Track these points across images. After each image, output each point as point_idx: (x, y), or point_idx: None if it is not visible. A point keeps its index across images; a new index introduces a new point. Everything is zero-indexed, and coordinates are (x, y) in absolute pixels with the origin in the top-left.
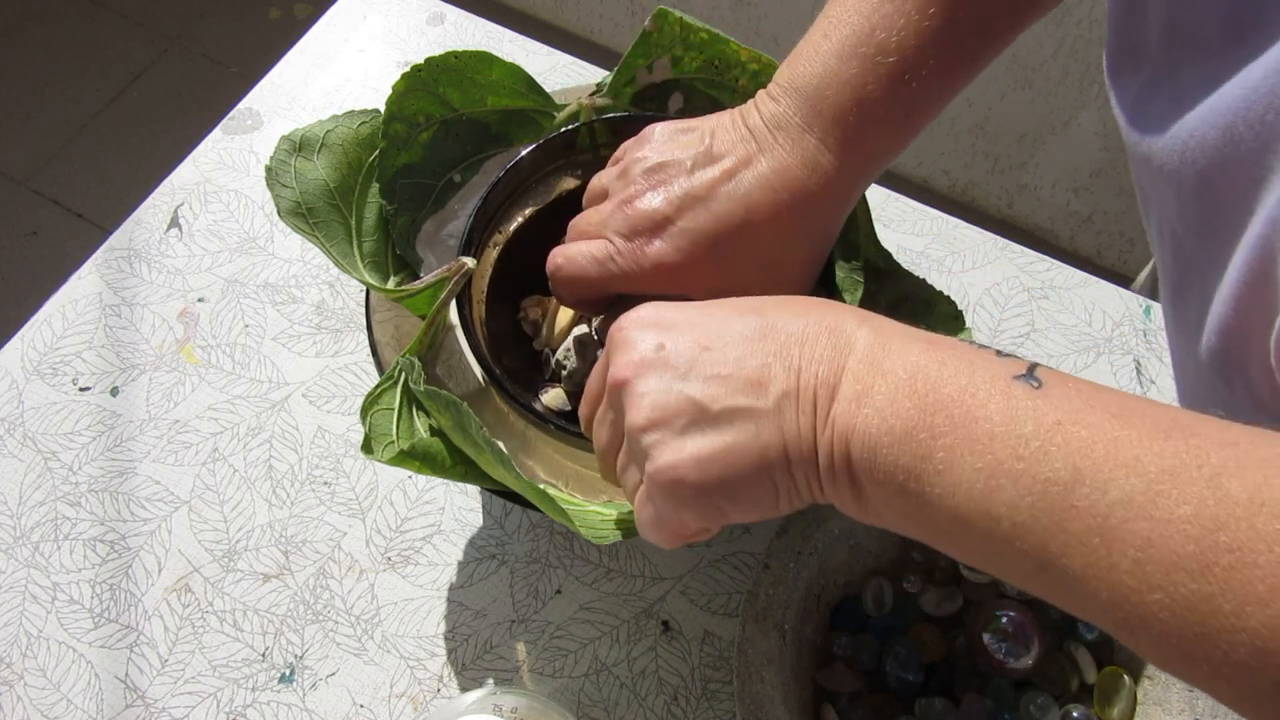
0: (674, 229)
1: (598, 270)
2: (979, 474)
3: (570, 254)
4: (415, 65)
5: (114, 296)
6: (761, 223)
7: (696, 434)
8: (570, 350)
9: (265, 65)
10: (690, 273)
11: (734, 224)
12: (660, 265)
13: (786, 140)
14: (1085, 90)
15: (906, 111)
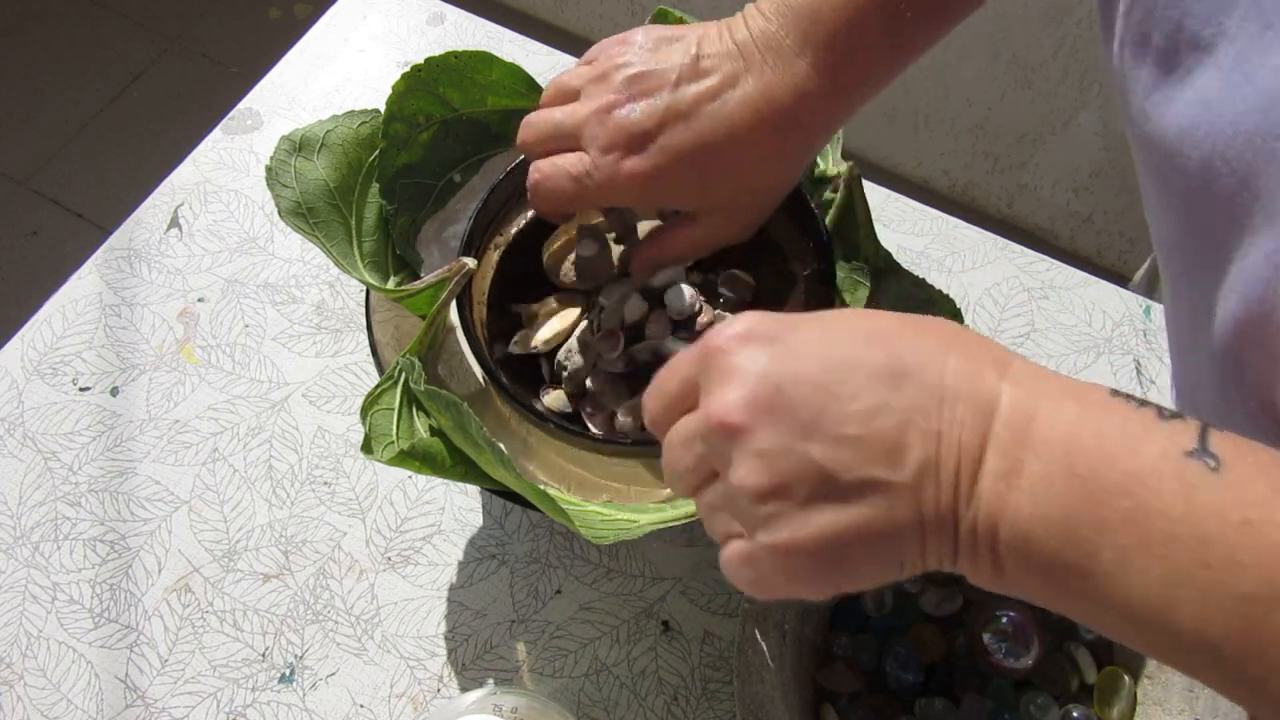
0: (654, 145)
1: (574, 187)
2: (1157, 581)
3: (546, 170)
4: (415, 65)
5: (114, 296)
6: (743, 144)
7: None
8: (572, 351)
9: (265, 65)
10: (666, 188)
11: (715, 143)
12: (636, 179)
13: (776, 61)
14: (1085, 90)
15: (898, 44)
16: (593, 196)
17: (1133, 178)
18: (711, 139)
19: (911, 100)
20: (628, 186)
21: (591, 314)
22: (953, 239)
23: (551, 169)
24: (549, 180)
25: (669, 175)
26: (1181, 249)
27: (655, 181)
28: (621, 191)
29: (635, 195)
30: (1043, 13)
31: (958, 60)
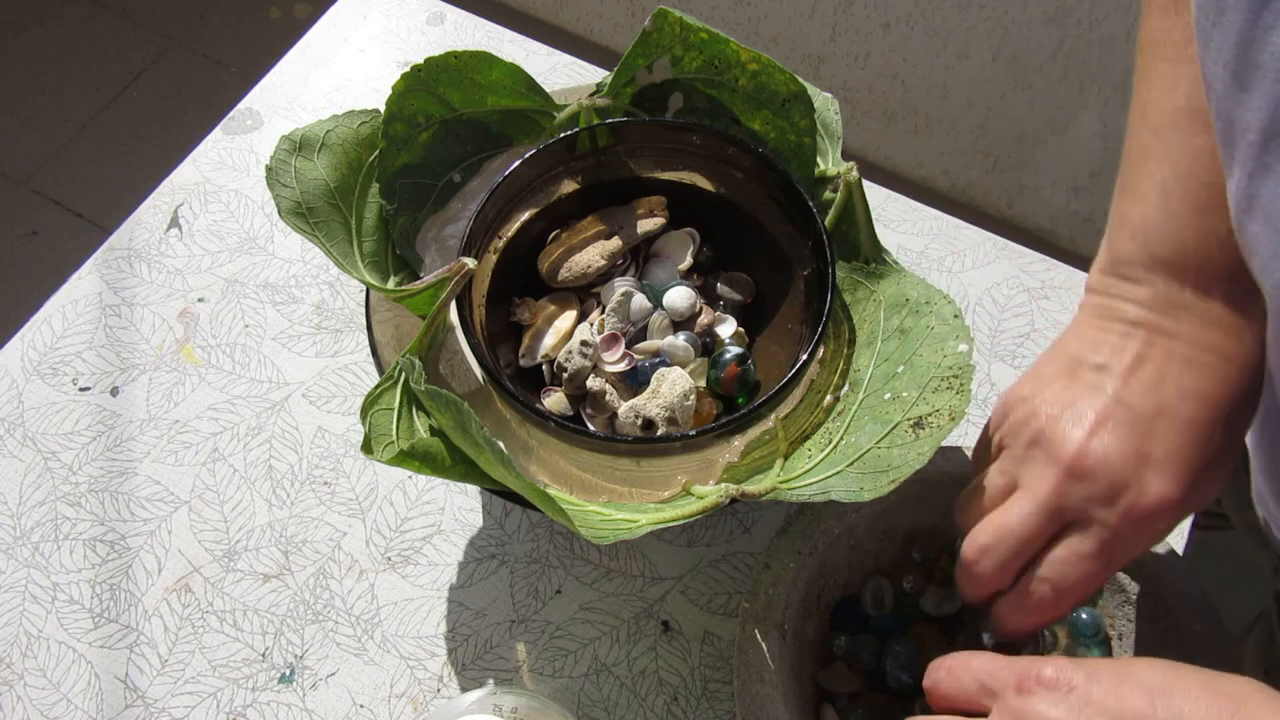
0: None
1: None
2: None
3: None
4: (415, 65)
5: (114, 296)
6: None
7: None
8: (572, 352)
9: (265, 65)
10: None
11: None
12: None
13: (1191, 317)
14: (1085, 90)
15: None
16: (1124, 556)
17: None
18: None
19: (911, 100)
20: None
21: (592, 315)
22: (953, 239)
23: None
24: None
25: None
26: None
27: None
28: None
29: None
30: (1043, 13)
31: (958, 60)
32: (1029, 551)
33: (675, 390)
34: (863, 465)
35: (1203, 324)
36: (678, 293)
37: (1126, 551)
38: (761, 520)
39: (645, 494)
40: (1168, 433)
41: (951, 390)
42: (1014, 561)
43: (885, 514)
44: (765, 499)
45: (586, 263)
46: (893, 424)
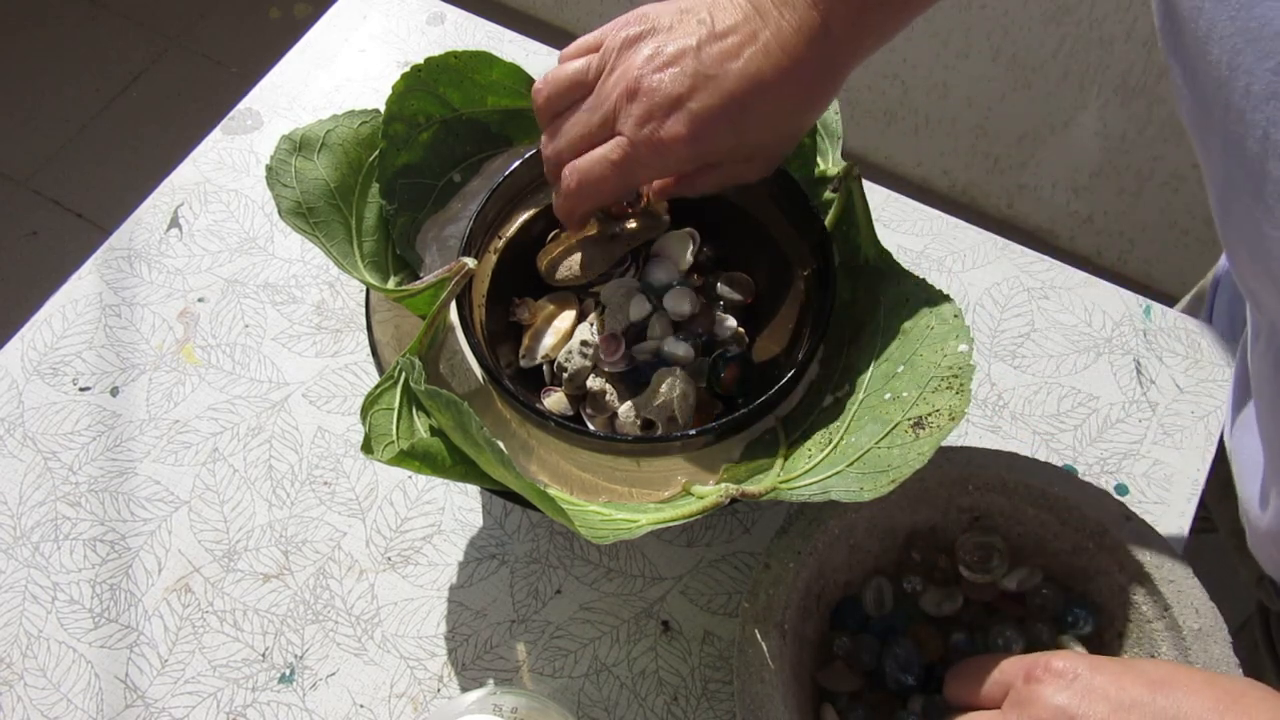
0: (686, 109)
1: (617, 171)
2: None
3: (583, 165)
4: (415, 65)
5: (114, 296)
6: (769, 95)
7: None
8: (572, 352)
9: (265, 65)
10: (705, 148)
11: (744, 98)
12: (679, 142)
13: (791, 15)
14: (1085, 90)
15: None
16: (637, 171)
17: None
18: (740, 95)
19: (911, 100)
20: (671, 151)
21: (591, 316)
22: (953, 239)
23: (589, 162)
24: (590, 173)
25: (706, 135)
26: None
27: (695, 143)
28: (666, 158)
29: (678, 160)
30: (1043, 13)
31: (958, 60)
32: (581, 146)
33: (675, 390)
34: (863, 465)
35: (795, 24)
36: (678, 293)
37: (639, 169)
38: (761, 520)
39: (645, 494)
40: (712, 92)
41: (951, 390)
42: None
43: (885, 514)
44: (765, 499)
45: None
46: (893, 424)
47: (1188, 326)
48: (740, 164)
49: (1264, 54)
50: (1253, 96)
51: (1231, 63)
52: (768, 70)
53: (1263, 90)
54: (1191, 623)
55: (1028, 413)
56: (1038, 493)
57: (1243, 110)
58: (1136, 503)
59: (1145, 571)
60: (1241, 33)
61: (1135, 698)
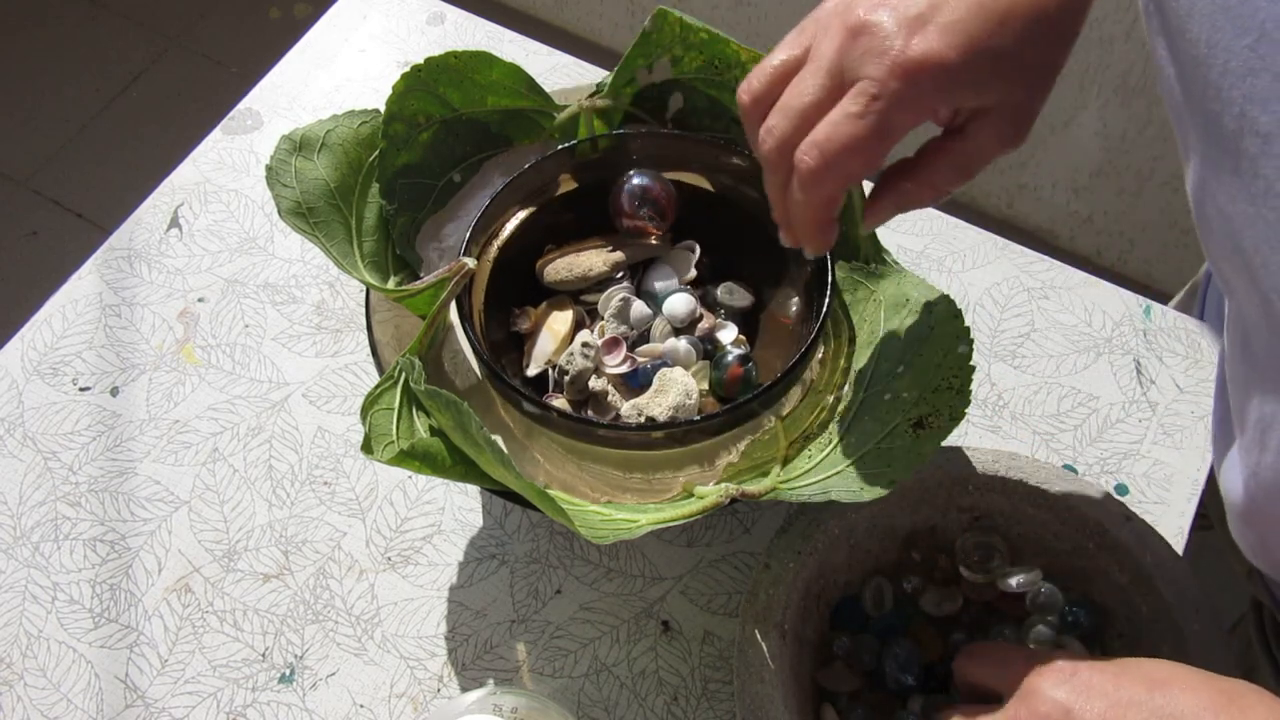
0: (935, 22)
1: (869, 127)
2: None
3: (821, 136)
4: (415, 65)
5: (114, 296)
6: (1018, 13)
7: None
8: (573, 355)
9: (265, 65)
10: (965, 75)
11: (995, 10)
12: (936, 61)
13: None
14: (1085, 90)
15: None
16: (895, 118)
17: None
18: (991, 4)
19: None
20: (929, 75)
21: (593, 321)
22: (953, 239)
23: (829, 127)
24: (833, 141)
25: (968, 47)
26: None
27: (960, 57)
28: (925, 87)
29: (941, 92)
30: None
31: None
32: (812, 115)
33: (678, 390)
34: (863, 465)
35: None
36: (677, 299)
37: (894, 112)
38: (761, 520)
39: (645, 495)
40: (956, 5)
41: (951, 390)
42: (803, 128)
43: (885, 514)
44: (765, 499)
45: (588, 265)
46: (893, 424)
47: (1187, 326)
48: (993, 121)
49: (1241, 30)
50: (1230, 73)
51: (1210, 40)
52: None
53: (1240, 67)
54: (1191, 623)
55: (1028, 413)
56: (1038, 493)
57: (1220, 87)
58: (1136, 503)
59: (1145, 571)
60: (1221, 10)
61: (1133, 696)
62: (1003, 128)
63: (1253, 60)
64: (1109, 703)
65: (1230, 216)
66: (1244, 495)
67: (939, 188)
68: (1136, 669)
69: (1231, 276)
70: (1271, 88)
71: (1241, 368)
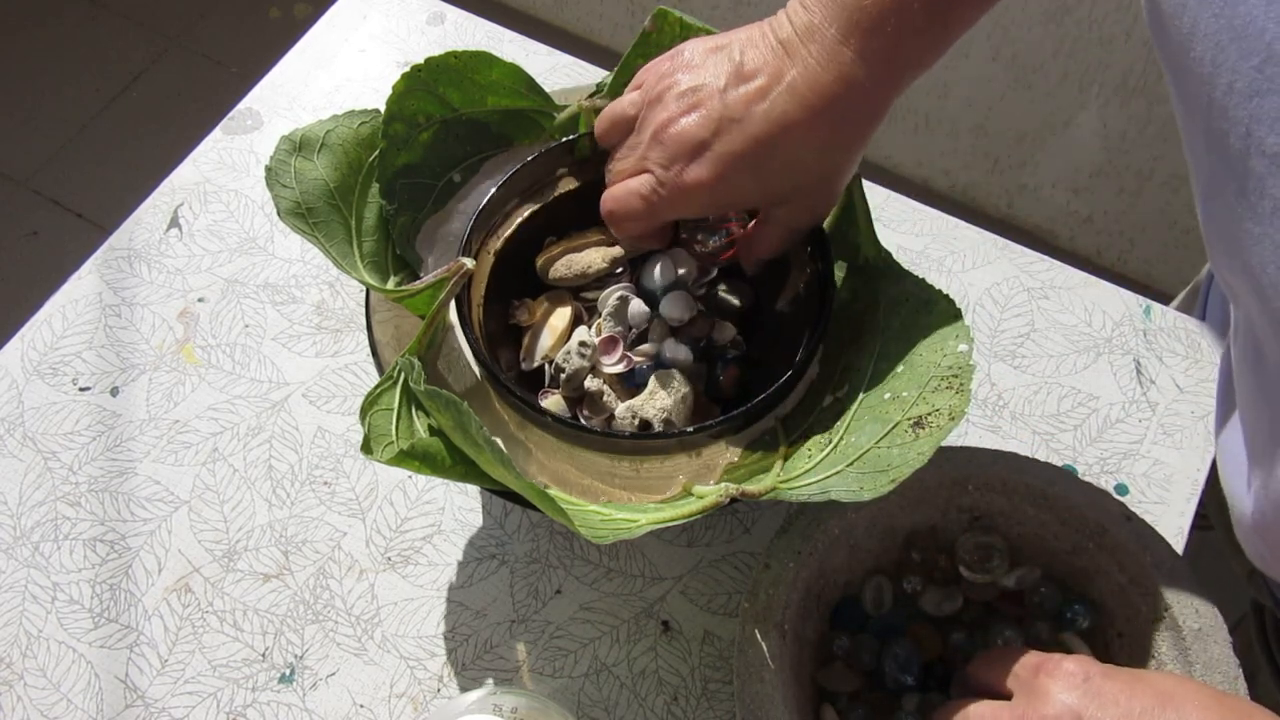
0: (710, 153)
1: (644, 205)
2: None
3: (617, 195)
4: (415, 65)
5: (114, 296)
6: (796, 139)
7: None
8: (570, 353)
9: (265, 65)
10: (728, 192)
11: (769, 140)
12: (700, 187)
13: (820, 52)
14: (1085, 90)
15: (945, 22)
16: (664, 210)
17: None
18: (765, 137)
19: (911, 100)
20: (693, 195)
21: (591, 318)
22: (953, 239)
23: (623, 193)
24: (621, 205)
25: (728, 179)
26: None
27: (717, 187)
28: (688, 201)
29: (701, 203)
30: (1043, 13)
31: (957, 60)
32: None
33: (673, 393)
34: (863, 465)
35: (824, 62)
36: (675, 297)
37: (665, 208)
38: (761, 520)
39: (645, 496)
40: (735, 136)
41: (951, 390)
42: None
43: (885, 514)
44: (765, 499)
45: (587, 262)
46: (893, 424)
47: (1187, 326)
48: (784, 212)
49: (1247, 52)
50: (1235, 93)
51: (1215, 60)
52: (794, 112)
53: (1245, 87)
54: (1191, 623)
55: (1028, 413)
56: (1038, 493)
57: (1225, 107)
58: (1136, 503)
59: (1145, 571)
60: (1225, 30)
61: (1144, 708)
62: (792, 214)
63: (1259, 81)
64: (1119, 712)
65: (1237, 235)
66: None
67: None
68: (1148, 681)
69: (1240, 291)
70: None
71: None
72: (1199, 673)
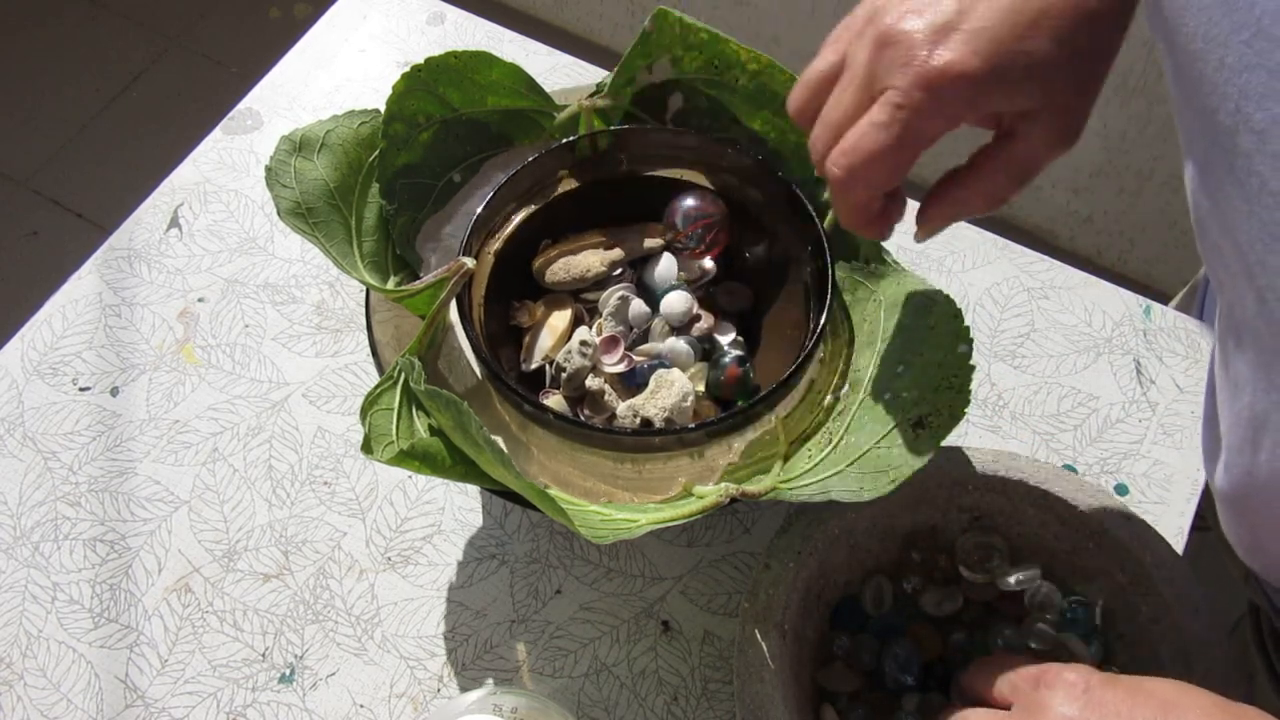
0: (961, 29)
1: (891, 135)
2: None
3: (848, 145)
4: (415, 65)
5: (114, 296)
6: (1053, 15)
7: None
8: (571, 352)
9: (265, 65)
10: (995, 82)
11: (1029, 13)
12: (959, 70)
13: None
14: None
15: None
16: (920, 127)
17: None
18: (1025, 8)
19: None
20: (953, 84)
21: (592, 318)
22: (953, 239)
23: (854, 138)
24: (858, 151)
25: (994, 54)
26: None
27: (983, 65)
28: (948, 96)
29: (965, 97)
30: None
31: None
32: (843, 126)
33: (674, 392)
34: (863, 465)
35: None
36: (675, 297)
37: (918, 121)
38: (761, 520)
39: (645, 497)
40: (985, 10)
41: (951, 390)
42: (838, 139)
43: (885, 514)
44: (765, 499)
45: (586, 265)
46: (893, 424)
47: (1187, 326)
48: (1044, 122)
49: (1238, 26)
50: (1226, 69)
51: (1206, 35)
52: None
53: (1236, 62)
54: (1191, 623)
55: (1028, 413)
56: (1038, 493)
57: (1216, 83)
58: (1136, 503)
59: (1145, 571)
60: (1217, 4)
61: (1146, 718)
62: (1050, 130)
63: (1249, 56)
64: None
65: (1225, 214)
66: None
67: (992, 195)
68: (1150, 690)
69: (1224, 274)
70: (1267, 84)
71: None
72: (1199, 673)
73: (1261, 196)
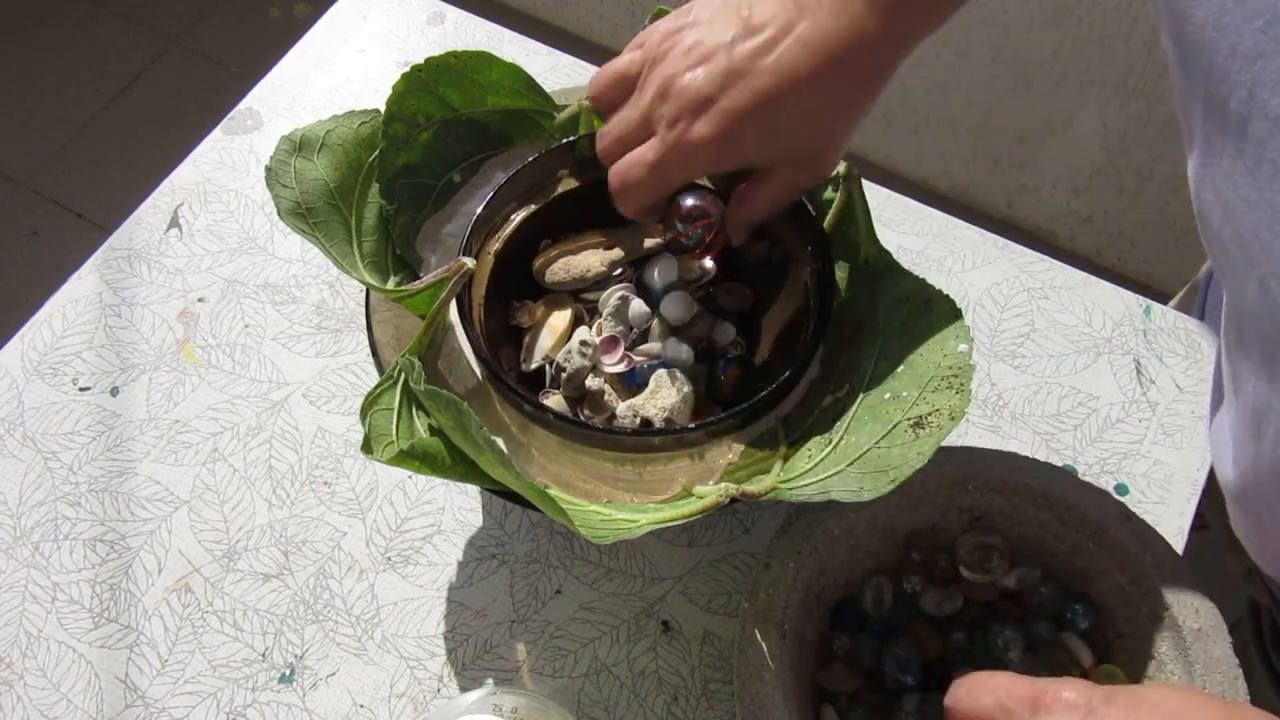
0: (715, 109)
1: (650, 173)
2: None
3: (622, 168)
4: (415, 65)
5: (114, 296)
6: (805, 93)
7: None
8: (571, 352)
9: (265, 65)
10: (733, 149)
11: (776, 95)
12: (706, 144)
13: (832, 4)
14: (1085, 90)
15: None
16: (671, 174)
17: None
18: (773, 92)
19: (911, 100)
20: (699, 154)
21: (592, 318)
22: (953, 239)
23: (627, 165)
24: (628, 176)
25: (734, 136)
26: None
27: (723, 144)
28: (695, 160)
29: (708, 162)
30: (1043, 13)
31: (958, 60)
32: (622, 146)
33: (673, 392)
34: (863, 465)
35: (835, 12)
36: (675, 298)
37: (672, 170)
38: (761, 520)
39: (645, 497)
40: (741, 91)
41: (951, 390)
42: (616, 149)
43: (885, 514)
44: (765, 499)
45: (586, 265)
46: (893, 424)
47: (1187, 326)
48: (789, 170)
49: (1251, 14)
50: (1238, 56)
51: (1218, 23)
52: (803, 65)
53: (1249, 49)
54: (1191, 623)
55: (1028, 413)
56: (1038, 493)
57: (1227, 71)
58: (1136, 503)
59: (1145, 571)
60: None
61: None
62: (799, 173)
63: (1264, 43)
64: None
65: (1231, 202)
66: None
67: (753, 214)
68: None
69: (1227, 263)
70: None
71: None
72: (1199, 673)
73: (1273, 182)
